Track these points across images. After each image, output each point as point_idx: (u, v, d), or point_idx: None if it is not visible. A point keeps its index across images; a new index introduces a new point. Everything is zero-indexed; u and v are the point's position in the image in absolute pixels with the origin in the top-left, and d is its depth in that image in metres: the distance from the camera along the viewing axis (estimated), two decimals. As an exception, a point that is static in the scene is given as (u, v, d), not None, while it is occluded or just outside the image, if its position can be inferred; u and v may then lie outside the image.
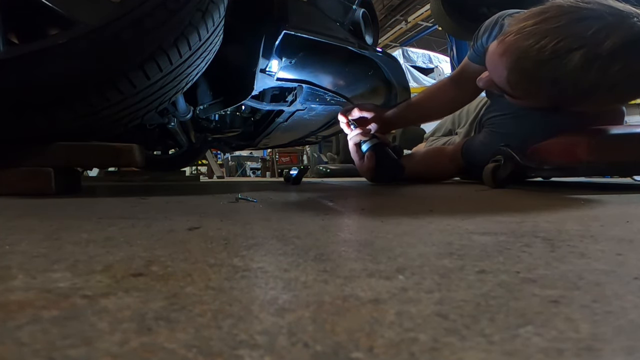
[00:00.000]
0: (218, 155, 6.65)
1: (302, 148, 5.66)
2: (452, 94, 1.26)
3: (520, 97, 0.93)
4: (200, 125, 1.37)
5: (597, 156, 0.87)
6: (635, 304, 0.18)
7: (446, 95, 1.27)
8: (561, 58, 0.77)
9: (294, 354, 0.14)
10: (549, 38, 0.78)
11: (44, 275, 0.22)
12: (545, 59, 0.79)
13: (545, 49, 0.78)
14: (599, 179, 1.58)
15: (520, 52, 0.82)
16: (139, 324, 0.16)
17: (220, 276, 0.23)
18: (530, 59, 0.80)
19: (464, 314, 0.17)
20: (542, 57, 0.79)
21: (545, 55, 0.78)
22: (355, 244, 0.32)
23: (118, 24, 0.65)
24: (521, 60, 0.82)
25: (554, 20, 0.79)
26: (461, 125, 1.63)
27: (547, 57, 0.78)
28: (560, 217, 0.47)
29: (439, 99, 1.28)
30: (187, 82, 0.83)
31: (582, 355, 0.13)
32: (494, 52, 0.89)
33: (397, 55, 4.81)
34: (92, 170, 2.15)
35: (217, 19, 0.76)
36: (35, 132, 0.73)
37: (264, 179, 4.34)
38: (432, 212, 0.54)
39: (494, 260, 0.26)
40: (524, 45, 0.81)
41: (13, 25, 0.75)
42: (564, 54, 0.77)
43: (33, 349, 0.14)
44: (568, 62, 0.77)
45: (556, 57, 0.78)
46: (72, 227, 0.38)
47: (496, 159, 1.00)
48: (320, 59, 1.10)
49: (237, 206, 0.62)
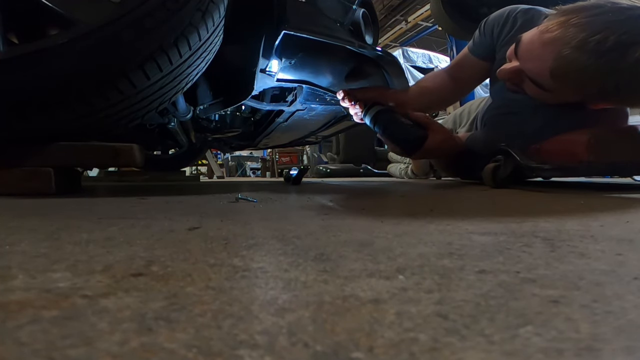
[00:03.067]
0: (218, 155, 6.65)
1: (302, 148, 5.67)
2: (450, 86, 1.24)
3: (554, 89, 0.91)
4: (200, 125, 1.37)
5: (597, 156, 0.87)
6: (635, 304, 0.18)
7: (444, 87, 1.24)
8: (620, 52, 0.77)
9: (294, 354, 0.14)
10: (610, 30, 0.77)
11: (44, 275, 0.22)
12: (604, 50, 0.78)
13: (607, 40, 0.77)
14: (599, 179, 1.58)
15: (575, 42, 0.80)
16: (139, 324, 0.16)
17: (220, 276, 0.23)
18: (586, 50, 0.79)
19: (464, 314, 0.17)
20: (602, 49, 0.78)
21: (605, 47, 0.77)
22: (355, 244, 0.31)
23: (118, 24, 0.65)
24: (574, 50, 0.80)
25: (615, 13, 0.79)
26: (462, 124, 1.63)
27: (607, 49, 0.77)
28: (560, 217, 0.47)
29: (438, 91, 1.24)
30: (187, 82, 0.83)
31: (582, 355, 0.13)
32: (534, 41, 0.88)
33: (397, 55, 4.81)
34: (92, 170, 2.15)
35: (217, 19, 0.76)
36: (35, 132, 0.73)
37: (264, 179, 4.34)
38: (432, 212, 0.54)
39: (494, 260, 0.26)
40: (579, 36, 0.80)
41: (13, 25, 0.75)
42: (625, 47, 0.76)
43: (33, 349, 0.14)
44: (632, 54, 0.76)
45: (616, 49, 0.77)
46: (72, 227, 0.38)
47: (496, 159, 1.00)
48: (320, 59, 1.10)
49: (237, 206, 0.62)
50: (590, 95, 0.88)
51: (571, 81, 0.86)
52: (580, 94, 0.89)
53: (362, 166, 3.43)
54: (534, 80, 0.92)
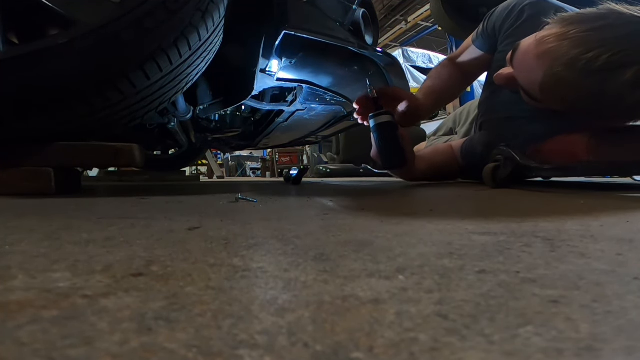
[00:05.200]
0: (218, 155, 6.65)
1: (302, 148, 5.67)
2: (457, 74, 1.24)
3: (545, 101, 0.89)
4: (200, 125, 1.38)
5: (597, 156, 0.87)
6: (635, 304, 0.18)
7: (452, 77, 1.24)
8: (612, 72, 0.73)
9: (294, 354, 0.14)
10: (605, 49, 0.73)
11: (44, 275, 0.22)
12: (594, 69, 0.74)
13: (597, 60, 0.73)
14: (599, 179, 1.58)
15: (566, 59, 0.77)
16: (139, 324, 0.16)
17: (220, 276, 0.23)
18: (575, 68, 0.76)
19: (464, 314, 0.17)
20: (591, 68, 0.74)
21: (595, 66, 0.74)
22: (355, 244, 0.31)
23: (118, 24, 0.65)
24: (564, 68, 0.78)
25: (617, 29, 0.74)
26: (461, 124, 1.63)
27: (596, 69, 0.74)
28: (560, 217, 0.47)
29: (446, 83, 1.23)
30: (187, 82, 0.83)
31: (582, 355, 0.13)
32: (529, 52, 0.86)
33: (397, 55, 4.81)
34: (92, 170, 2.15)
35: (217, 19, 0.76)
36: (35, 132, 0.73)
37: (264, 179, 4.34)
38: (432, 212, 0.54)
39: (494, 260, 0.26)
40: (571, 53, 0.76)
41: (13, 25, 0.75)
42: (615, 68, 0.73)
43: (33, 349, 0.14)
44: (619, 77, 0.73)
45: (607, 70, 0.73)
46: (72, 227, 0.38)
47: (496, 159, 1.00)
48: (320, 59, 1.10)
49: (237, 206, 0.62)
50: (578, 110, 0.87)
51: (558, 97, 0.85)
52: (568, 108, 0.88)
53: (362, 166, 3.43)
54: (525, 90, 0.93)
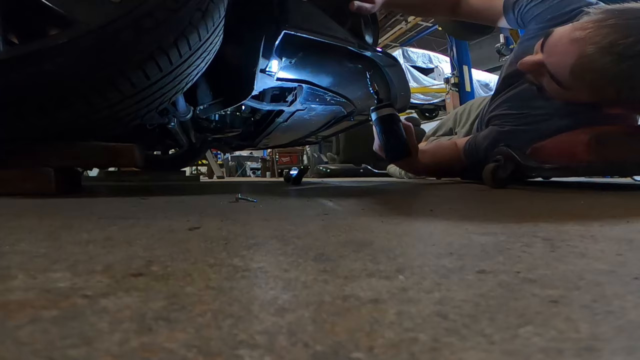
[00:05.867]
0: (218, 155, 6.65)
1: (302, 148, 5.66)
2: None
3: (571, 87, 0.90)
4: (200, 125, 1.37)
5: (597, 156, 0.87)
6: (635, 304, 0.18)
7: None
8: None
9: (294, 354, 0.14)
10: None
11: (44, 275, 0.22)
12: (631, 54, 0.77)
13: (635, 46, 0.76)
14: (599, 179, 1.58)
15: (604, 42, 0.79)
16: (139, 324, 0.16)
17: (220, 276, 0.23)
18: (612, 52, 0.78)
19: (463, 313, 0.17)
20: (629, 53, 0.77)
21: (633, 51, 0.77)
22: (355, 244, 0.31)
23: (118, 24, 0.65)
24: (600, 50, 0.80)
25: None
26: (461, 124, 1.63)
27: (633, 54, 0.77)
28: (560, 217, 0.47)
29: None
30: (187, 82, 0.83)
31: (582, 355, 0.13)
32: (564, 37, 0.87)
33: (397, 55, 4.81)
34: (92, 170, 2.15)
35: (217, 19, 0.76)
36: (35, 132, 0.73)
37: (264, 179, 4.34)
38: (432, 212, 0.54)
39: (494, 260, 0.26)
40: (609, 37, 0.79)
41: (13, 25, 0.75)
42: None
43: (33, 349, 0.14)
44: None
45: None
46: (72, 227, 0.38)
47: (496, 159, 1.00)
48: (320, 59, 1.10)
49: (237, 206, 0.62)
50: (606, 98, 0.88)
51: (588, 81, 0.86)
52: (596, 95, 0.89)
53: (362, 166, 3.43)
54: (553, 76, 0.91)
